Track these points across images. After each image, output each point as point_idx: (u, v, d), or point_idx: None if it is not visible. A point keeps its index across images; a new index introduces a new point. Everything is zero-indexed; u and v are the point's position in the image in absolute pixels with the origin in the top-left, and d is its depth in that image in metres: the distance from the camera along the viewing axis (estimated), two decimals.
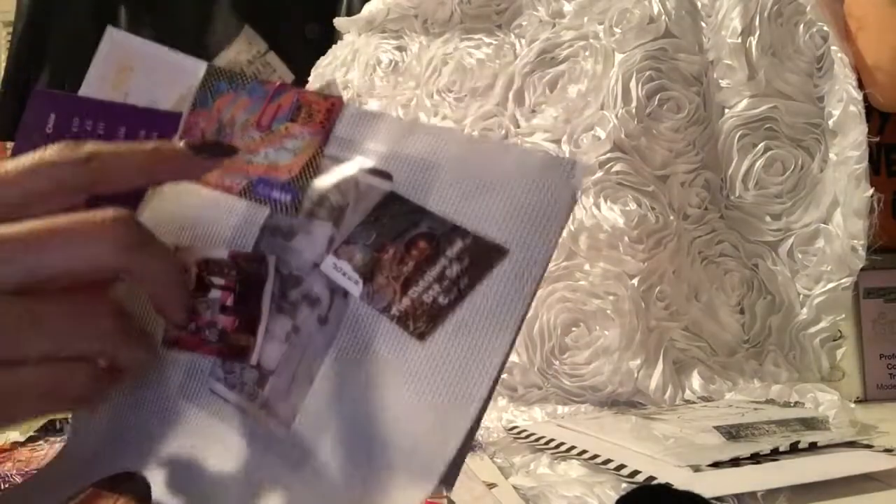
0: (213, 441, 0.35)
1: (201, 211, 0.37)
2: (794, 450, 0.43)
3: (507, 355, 0.30)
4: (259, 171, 0.37)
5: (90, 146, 0.32)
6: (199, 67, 0.41)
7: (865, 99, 0.60)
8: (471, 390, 0.29)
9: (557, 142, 0.67)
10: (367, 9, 0.82)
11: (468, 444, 0.30)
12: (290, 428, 0.33)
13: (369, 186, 0.35)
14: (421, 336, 0.31)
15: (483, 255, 0.31)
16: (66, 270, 0.30)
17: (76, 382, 0.31)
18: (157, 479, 0.34)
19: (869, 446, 0.44)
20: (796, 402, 0.55)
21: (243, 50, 0.80)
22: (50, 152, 0.31)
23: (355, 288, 0.33)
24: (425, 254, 0.32)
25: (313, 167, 0.36)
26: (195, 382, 0.36)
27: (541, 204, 0.31)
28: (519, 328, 0.30)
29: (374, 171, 0.35)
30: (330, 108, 0.37)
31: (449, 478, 0.29)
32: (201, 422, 0.35)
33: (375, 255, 0.33)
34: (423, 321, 0.31)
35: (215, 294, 0.36)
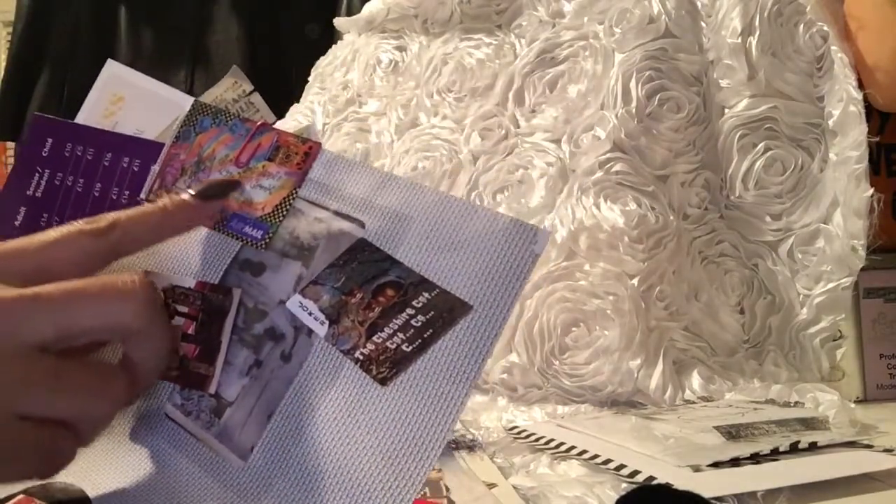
0: (164, 465, 0.35)
1: (174, 239, 0.38)
2: (794, 450, 0.43)
3: (465, 406, 0.31)
4: (234, 207, 0.38)
5: (110, 216, 0.34)
6: (186, 102, 0.43)
7: (865, 99, 0.60)
8: (429, 438, 0.30)
9: (557, 142, 0.67)
10: (367, 9, 0.82)
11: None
12: (247, 461, 0.33)
13: (340, 231, 0.36)
14: (383, 381, 0.32)
15: (448, 309, 0.32)
16: (95, 328, 0.31)
17: (62, 449, 0.31)
18: (99, 498, 0.34)
19: (869, 446, 0.44)
20: (796, 402, 0.55)
21: (229, 88, 0.83)
22: (73, 225, 0.33)
23: (321, 328, 0.34)
24: (392, 301, 0.33)
25: (286, 207, 0.37)
26: (150, 405, 0.37)
27: (504, 266, 0.32)
28: (475, 381, 0.31)
29: (347, 217, 0.36)
30: (308, 151, 0.38)
31: None
32: (153, 444, 0.36)
33: (343, 298, 0.34)
34: (385, 367, 0.32)
35: (178, 321, 0.36)
